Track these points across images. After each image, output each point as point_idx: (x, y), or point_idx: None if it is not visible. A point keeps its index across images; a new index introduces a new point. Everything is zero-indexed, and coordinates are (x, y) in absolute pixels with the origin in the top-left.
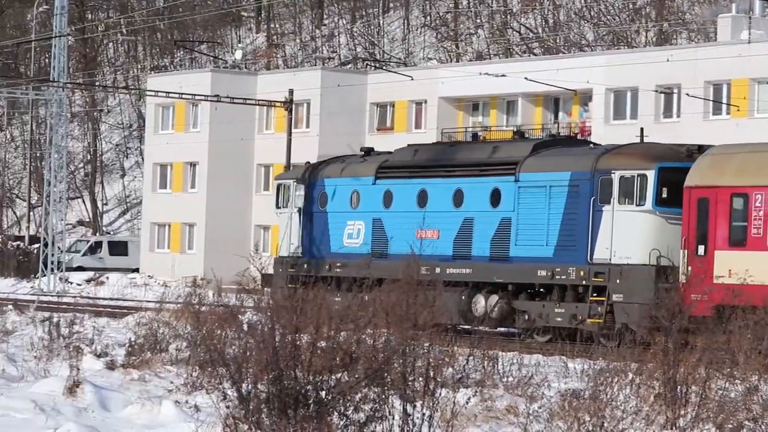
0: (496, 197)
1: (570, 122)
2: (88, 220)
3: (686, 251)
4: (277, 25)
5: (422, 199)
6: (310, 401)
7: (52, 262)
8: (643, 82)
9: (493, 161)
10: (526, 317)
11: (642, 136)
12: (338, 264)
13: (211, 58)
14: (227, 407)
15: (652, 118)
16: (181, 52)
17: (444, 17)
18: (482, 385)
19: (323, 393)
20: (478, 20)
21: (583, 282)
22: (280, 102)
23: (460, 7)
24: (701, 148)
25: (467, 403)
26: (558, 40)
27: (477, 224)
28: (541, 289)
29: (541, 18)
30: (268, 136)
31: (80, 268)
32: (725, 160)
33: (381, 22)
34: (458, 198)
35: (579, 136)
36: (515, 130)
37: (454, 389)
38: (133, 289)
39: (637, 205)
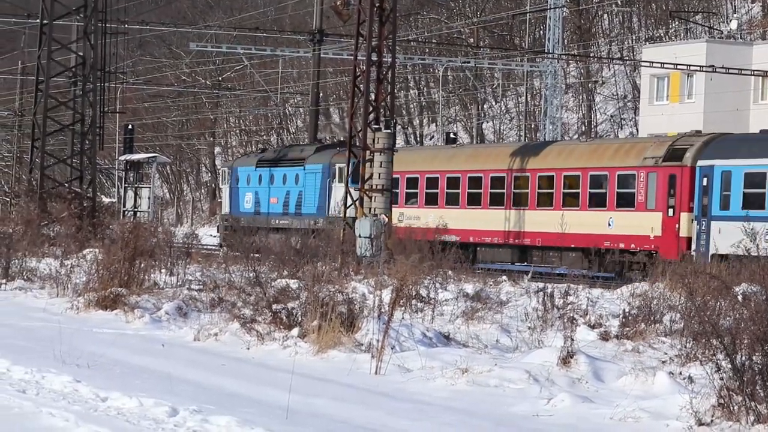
0: (297, 179)
1: None
2: None
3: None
4: None
5: (271, 179)
6: None
7: None
8: None
9: (297, 157)
10: None
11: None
12: (242, 219)
13: (706, 29)
14: (721, 379)
15: None
16: (676, 23)
17: None
18: None
19: None
20: None
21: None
22: None
23: None
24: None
25: None
26: None
27: (291, 195)
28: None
29: None
30: (764, 106)
31: None
32: (404, 156)
33: None
34: (284, 179)
35: None
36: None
37: None
38: None
39: (343, 182)
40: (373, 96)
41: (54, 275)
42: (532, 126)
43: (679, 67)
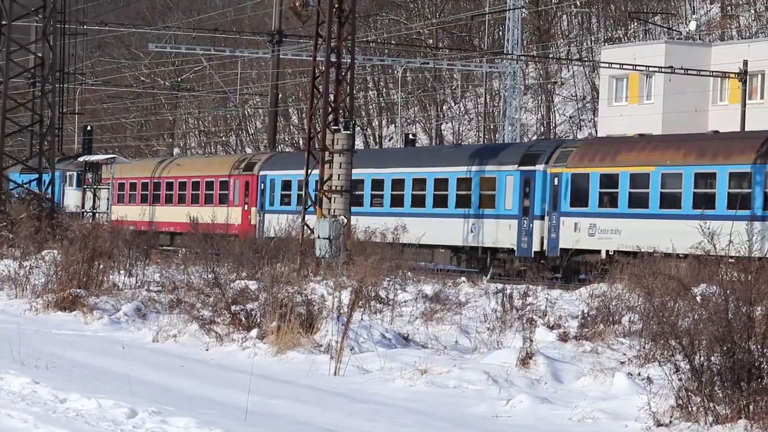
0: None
1: None
2: None
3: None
4: None
5: (29, 184)
6: (764, 374)
7: None
8: None
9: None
10: None
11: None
12: None
13: (665, 30)
14: (680, 379)
15: None
16: (635, 24)
17: None
18: None
19: None
20: None
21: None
22: (734, 73)
23: None
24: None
25: None
26: None
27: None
28: None
29: None
30: (723, 107)
31: None
32: (125, 164)
33: None
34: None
35: None
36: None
37: None
38: None
39: (73, 186)
40: (332, 97)
41: (13, 276)
42: (492, 127)
43: (638, 68)
